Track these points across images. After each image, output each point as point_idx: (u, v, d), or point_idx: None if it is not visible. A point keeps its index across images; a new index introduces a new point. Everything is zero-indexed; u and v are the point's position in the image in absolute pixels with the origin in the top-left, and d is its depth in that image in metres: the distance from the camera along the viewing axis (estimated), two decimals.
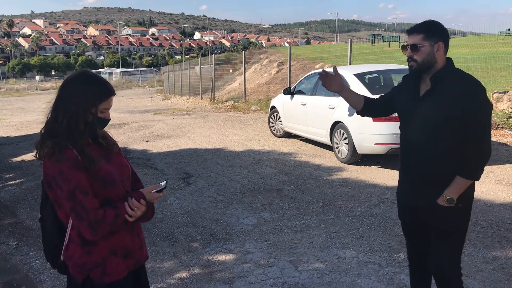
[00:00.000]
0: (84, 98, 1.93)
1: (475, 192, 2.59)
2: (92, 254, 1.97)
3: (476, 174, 2.43)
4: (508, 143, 8.25)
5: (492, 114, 9.33)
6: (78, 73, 2.02)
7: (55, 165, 1.86)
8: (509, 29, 27.24)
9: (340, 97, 8.09)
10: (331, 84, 2.80)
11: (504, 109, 9.52)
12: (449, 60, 2.49)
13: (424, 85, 2.52)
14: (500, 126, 9.19)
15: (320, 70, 2.89)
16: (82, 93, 1.94)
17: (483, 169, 2.44)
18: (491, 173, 6.53)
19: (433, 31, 2.43)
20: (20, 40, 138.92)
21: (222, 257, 4.24)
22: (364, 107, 2.87)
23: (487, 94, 2.45)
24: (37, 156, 1.98)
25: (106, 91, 1.99)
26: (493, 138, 8.52)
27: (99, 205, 1.90)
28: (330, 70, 2.91)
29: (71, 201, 1.86)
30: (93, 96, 1.95)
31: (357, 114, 2.98)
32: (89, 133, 1.99)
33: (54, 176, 1.86)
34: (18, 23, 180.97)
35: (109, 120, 2.04)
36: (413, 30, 2.48)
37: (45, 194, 2.01)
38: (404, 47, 2.53)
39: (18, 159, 9.12)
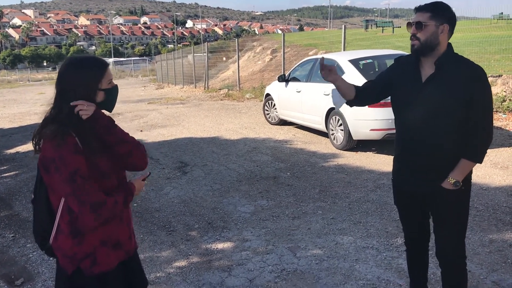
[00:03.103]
0: (84, 84, 1.94)
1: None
2: (82, 244, 1.95)
3: (481, 157, 2.46)
4: (502, 127, 8.28)
5: None
6: (67, 62, 2.00)
7: (55, 148, 1.85)
8: (501, 13, 27.20)
9: None
10: (326, 74, 2.73)
11: (498, 93, 9.55)
12: (450, 45, 2.47)
13: (425, 69, 2.49)
14: (494, 110, 9.21)
15: (317, 56, 2.86)
16: (79, 81, 1.93)
17: (486, 152, 2.47)
18: (486, 156, 6.50)
19: (440, 12, 2.41)
20: (10, 31, 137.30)
21: (220, 245, 4.24)
22: (356, 97, 2.80)
23: None
24: (35, 144, 1.96)
25: (100, 66, 1.99)
26: None
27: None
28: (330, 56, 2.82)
29: (71, 184, 1.82)
30: (92, 78, 1.96)
31: (347, 104, 2.90)
32: (109, 106, 2.08)
33: (53, 159, 1.84)
34: (7, 14, 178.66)
35: (117, 86, 2.09)
36: (421, 8, 2.45)
37: (40, 176, 1.99)
38: (409, 24, 2.49)
39: (12, 151, 9.06)
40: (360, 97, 2.80)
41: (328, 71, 2.72)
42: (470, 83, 2.35)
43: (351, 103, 2.86)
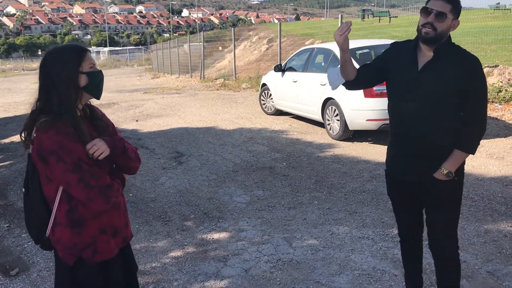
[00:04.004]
0: (64, 67, 1.92)
1: (466, 166, 2.60)
2: (82, 234, 1.96)
3: (474, 148, 2.46)
4: (498, 117, 8.29)
5: None
6: (47, 52, 2.02)
7: (53, 138, 1.83)
8: (498, 3, 27.16)
9: None
10: (340, 38, 2.53)
11: (494, 83, 9.55)
12: (449, 36, 2.45)
13: (422, 57, 2.46)
14: (490, 100, 9.22)
15: (314, 46, 2.81)
16: (60, 64, 1.93)
17: (479, 143, 2.46)
18: (482, 147, 6.56)
19: (458, 7, 2.39)
20: (4, 20, 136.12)
21: (216, 236, 4.24)
22: (354, 81, 2.72)
23: None
24: (25, 138, 1.94)
25: (80, 51, 1.99)
26: None
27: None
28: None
29: (77, 172, 1.84)
30: (71, 61, 1.95)
31: (344, 85, 2.80)
32: (95, 91, 2.02)
33: (53, 150, 1.83)
34: (1, 2, 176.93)
35: (101, 71, 2.06)
36: None
37: (31, 168, 1.97)
38: (426, 10, 2.35)
39: (7, 140, 9.00)
40: (358, 79, 2.72)
41: (341, 36, 2.52)
42: (465, 74, 2.34)
43: (349, 85, 2.77)
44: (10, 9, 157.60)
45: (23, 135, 1.97)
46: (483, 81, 2.39)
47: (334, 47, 8.04)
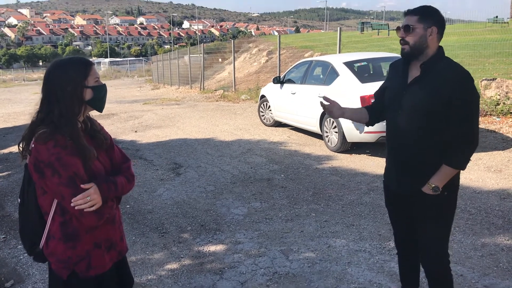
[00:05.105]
0: (69, 81, 1.93)
1: (463, 179, 2.60)
2: (76, 248, 1.95)
3: (462, 164, 2.42)
4: (496, 130, 8.30)
5: (480, 101, 9.37)
6: (52, 64, 2.02)
7: (51, 150, 1.83)
8: (496, 17, 27.35)
9: (330, 86, 8.06)
10: (332, 110, 2.78)
11: (492, 96, 9.57)
12: (440, 48, 2.47)
13: (413, 71, 2.50)
14: (488, 113, 9.24)
15: (312, 58, 2.91)
16: (66, 78, 1.93)
17: (470, 159, 2.44)
18: (479, 160, 6.57)
19: (428, 15, 2.42)
20: (6, 30, 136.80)
21: (212, 248, 4.22)
22: (371, 118, 2.84)
23: (476, 81, 2.45)
24: (23, 149, 1.94)
25: (85, 65, 1.99)
26: (482, 125, 8.57)
27: None
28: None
29: (72, 187, 1.84)
30: (77, 75, 1.95)
31: (367, 126, 2.94)
32: (98, 105, 2.03)
33: (50, 162, 1.83)
34: (3, 13, 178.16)
35: (105, 84, 2.07)
36: (409, 11, 2.47)
37: (28, 179, 1.97)
38: (398, 28, 2.52)
39: (6, 151, 9.00)
40: (373, 115, 2.83)
41: (331, 107, 2.76)
42: (453, 87, 2.33)
43: (369, 124, 2.90)
44: (12, 20, 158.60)
45: (21, 145, 1.96)
46: (472, 94, 2.36)
47: (332, 60, 8.09)
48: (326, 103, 2.82)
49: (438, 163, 2.43)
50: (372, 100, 2.92)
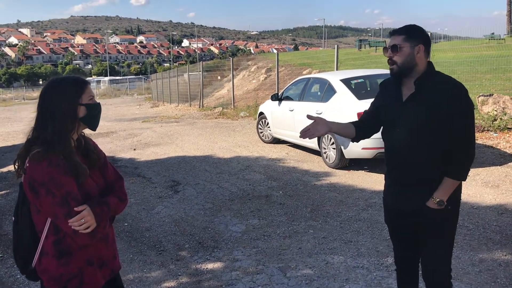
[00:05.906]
0: (64, 99, 1.96)
1: (461, 194, 2.61)
2: (69, 265, 1.96)
3: (463, 174, 2.46)
4: (494, 146, 8.33)
5: (478, 117, 9.41)
6: (48, 82, 2.05)
7: (45, 169, 1.85)
8: (493, 33, 27.60)
9: (327, 103, 8.09)
10: (317, 129, 2.70)
11: (489, 112, 9.62)
12: (430, 64, 2.51)
13: (406, 89, 2.53)
14: (485, 129, 9.28)
15: (310, 76, 2.91)
16: (61, 95, 1.97)
17: (469, 169, 2.48)
18: (477, 175, 6.58)
19: (414, 33, 2.46)
20: (7, 50, 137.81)
21: (210, 265, 4.21)
22: (357, 134, 2.82)
23: (473, 97, 2.48)
24: (18, 167, 1.95)
25: (80, 83, 2.03)
26: (479, 141, 8.60)
27: None
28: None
29: (65, 207, 1.85)
30: (72, 93, 1.99)
31: (353, 142, 2.91)
32: (92, 123, 2.04)
33: (44, 182, 1.84)
34: (4, 33, 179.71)
35: (99, 103, 2.09)
36: (395, 31, 2.51)
37: (22, 197, 1.98)
38: (385, 49, 2.55)
39: (4, 169, 9.02)
40: (361, 131, 2.82)
41: (315, 126, 2.69)
42: (449, 101, 2.37)
43: (355, 140, 2.87)
44: (13, 40, 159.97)
45: (16, 164, 1.98)
46: (468, 106, 2.40)
47: (330, 77, 8.16)
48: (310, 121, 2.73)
49: (438, 178, 2.45)
50: (361, 116, 2.92)
